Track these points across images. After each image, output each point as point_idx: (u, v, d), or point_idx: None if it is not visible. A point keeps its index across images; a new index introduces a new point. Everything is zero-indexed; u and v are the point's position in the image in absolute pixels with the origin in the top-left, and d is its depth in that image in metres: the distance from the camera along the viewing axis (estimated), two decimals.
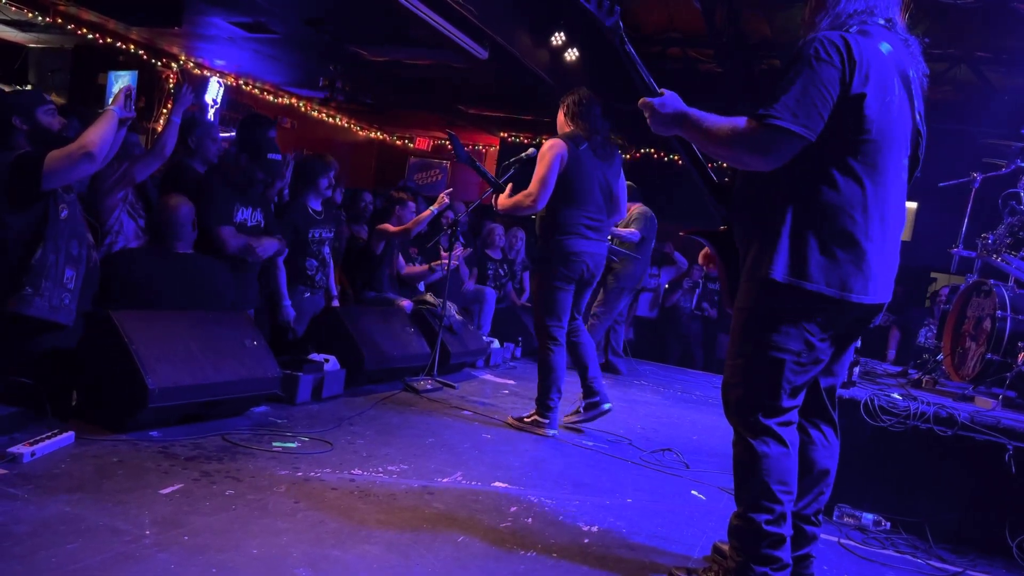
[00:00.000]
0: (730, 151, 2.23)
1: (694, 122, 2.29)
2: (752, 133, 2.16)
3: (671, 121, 2.34)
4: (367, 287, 5.91)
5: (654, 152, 10.48)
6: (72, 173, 3.21)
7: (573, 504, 3.16)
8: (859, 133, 2.20)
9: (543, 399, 4.29)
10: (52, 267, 3.17)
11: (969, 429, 3.33)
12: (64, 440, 2.89)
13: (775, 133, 2.13)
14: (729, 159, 2.28)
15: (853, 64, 2.16)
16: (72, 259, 3.26)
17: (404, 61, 8.77)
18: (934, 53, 7.04)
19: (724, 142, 2.22)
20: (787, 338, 2.25)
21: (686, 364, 8.66)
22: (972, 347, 4.25)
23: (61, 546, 2.12)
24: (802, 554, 2.45)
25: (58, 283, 3.20)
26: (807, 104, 2.13)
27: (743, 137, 2.17)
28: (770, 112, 2.13)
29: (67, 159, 3.14)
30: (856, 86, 2.16)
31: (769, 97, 2.16)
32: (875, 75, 2.19)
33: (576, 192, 4.26)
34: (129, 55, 9.70)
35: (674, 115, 2.33)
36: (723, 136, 2.21)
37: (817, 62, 2.15)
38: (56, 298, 3.20)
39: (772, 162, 2.20)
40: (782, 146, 2.16)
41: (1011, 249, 4.32)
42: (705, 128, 2.26)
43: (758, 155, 2.19)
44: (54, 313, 3.19)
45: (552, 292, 4.30)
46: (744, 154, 2.21)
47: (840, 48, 2.16)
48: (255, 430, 3.52)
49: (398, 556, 2.40)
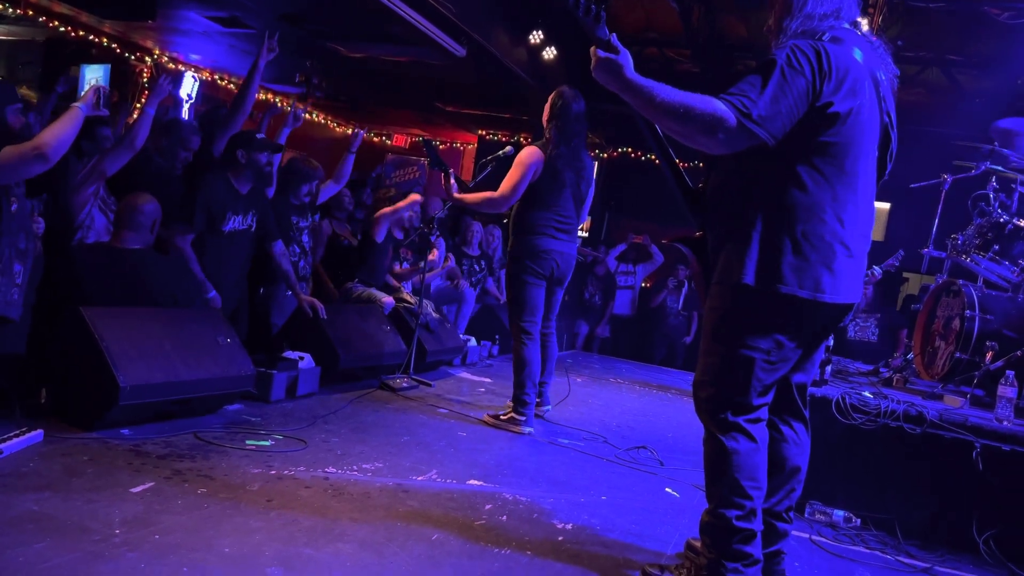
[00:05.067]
0: (681, 127, 2.15)
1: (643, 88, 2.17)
2: (714, 114, 2.10)
3: (609, 72, 2.20)
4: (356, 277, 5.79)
5: (631, 151, 10.53)
6: (23, 172, 3.09)
7: (548, 501, 3.16)
8: (827, 137, 2.22)
9: (519, 394, 4.32)
10: (5, 261, 3.10)
11: (938, 427, 3.38)
12: (33, 438, 2.85)
13: (745, 133, 2.13)
14: (679, 135, 2.20)
15: (824, 74, 2.18)
16: (20, 253, 3.19)
17: (381, 58, 8.73)
18: (906, 56, 7.13)
19: (676, 117, 2.13)
20: (757, 337, 2.27)
21: (670, 364, 8.70)
22: (942, 346, 4.31)
23: (29, 545, 2.09)
24: (773, 550, 2.48)
25: (8, 278, 3.13)
26: (775, 111, 2.14)
27: (701, 117, 2.10)
28: (749, 113, 2.12)
29: (19, 158, 3.02)
30: (826, 95, 2.19)
31: (742, 89, 2.15)
32: (847, 82, 2.21)
33: (547, 196, 4.36)
34: (102, 48, 9.55)
35: (620, 74, 2.19)
36: (676, 111, 2.12)
37: (790, 70, 2.16)
38: (7, 293, 3.13)
39: (723, 150, 2.18)
40: (743, 143, 2.16)
41: (980, 250, 4.39)
42: (659, 100, 2.14)
43: (714, 141, 2.14)
44: (6, 309, 3.13)
45: (524, 287, 4.37)
46: (698, 134, 2.14)
47: (811, 58, 2.18)
48: (228, 428, 3.49)
49: (372, 554, 2.40)
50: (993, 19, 6.10)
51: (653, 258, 9.11)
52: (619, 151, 10.61)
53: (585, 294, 8.97)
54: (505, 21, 7.62)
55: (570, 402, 5.25)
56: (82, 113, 3.18)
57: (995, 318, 4.02)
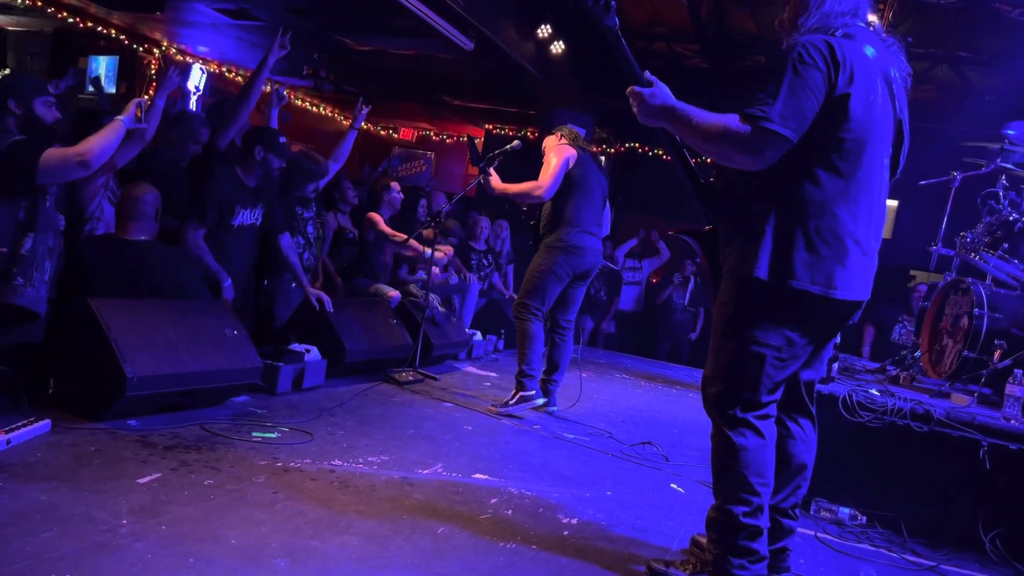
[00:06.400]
0: (718, 148, 2.22)
1: (682, 115, 2.27)
2: (744, 134, 2.15)
3: (659, 112, 2.32)
4: (360, 274, 5.87)
5: (639, 146, 10.50)
6: (65, 175, 3.24)
7: (553, 496, 3.16)
8: (842, 132, 2.22)
9: (524, 369, 4.38)
10: (41, 258, 3.19)
11: (945, 425, 3.37)
12: (40, 428, 2.86)
13: (768, 136, 2.14)
14: (716, 156, 2.27)
15: (837, 66, 2.18)
16: (50, 251, 3.26)
17: (389, 51, 8.73)
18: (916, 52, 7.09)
19: (713, 139, 2.21)
20: (769, 334, 2.26)
21: (675, 359, 8.69)
22: (949, 344, 4.29)
23: (36, 535, 2.10)
24: (779, 547, 2.48)
25: (41, 274, 3.20)
26: (795, 107, 2.14)
27: (735, 137, 2.16)
28: (766, 115, 2.13)
29: (63, 162, 3.16)
30: (841, 87, 2.18)
31: (757, 99, 2.16)
32: (859, 77, 2.21)
33: (584, 190, 4.44)
34: (110, 40, 9.57)
35: (662, 107, 2.31)
36: (713, 133, 2.20)
37: (803, 66, 2.16)
38: (39, 290, 3.21)
39: (761, 163, 2.19)
40: (772, 149, 2.16)
41: (989, 248, 4.37)
42: (695, 123, 2.24)
43: (748, 155, 2.18)
44: (37, 304, 3.19)
45: (547, 277, 4.42)
46: (734, 153, 2.20)
47: (824, 51, 2.18)
48: (235, 420, 3.50)
49: (377, 547, 2.40)
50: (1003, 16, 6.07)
51: (660, 253, 9.10)
52: (626, 146, 10.58)
53: (591, 289, 8.95)
54: (513, 15, 7.60)
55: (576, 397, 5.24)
56: (124, 126, 3.35)
57: (1004, 316, 4.00)
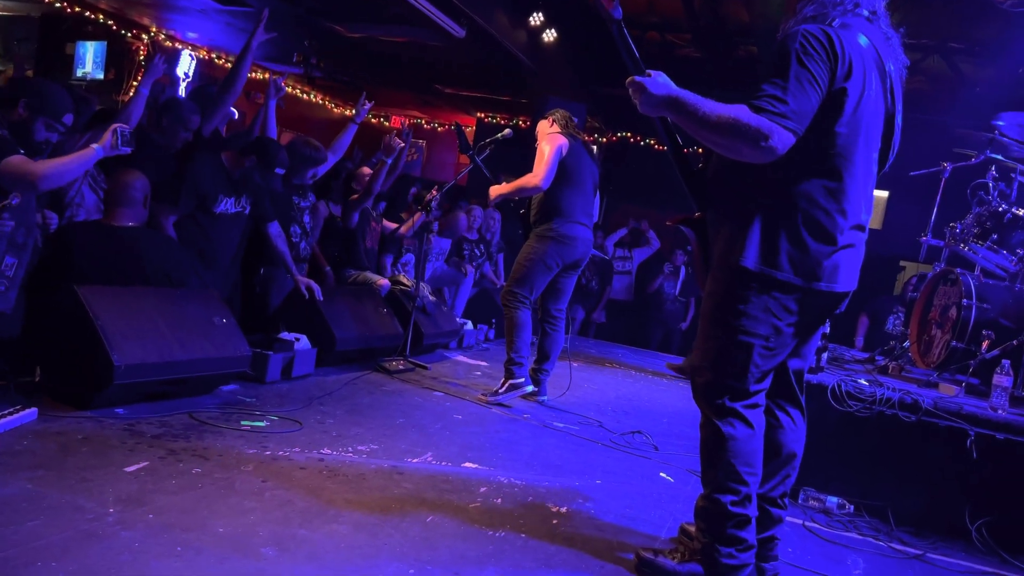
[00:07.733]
0: (727, 140, 2.13)
1: (689, 105, 2.16)
2: (756, 128, 2.07)
3: (663, 102, 2.20)
4: (347, 264, 5.85)
5: (630, 136, 10.48)
6: (14, 186, 3.11)
7: (543, 485, 3.17)
8: (836, 126, 2.20)
9: (513, 357, 4.38)
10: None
11: (933, 415, 3.39)
12: (26, 416, 2.84)
13: (782, 132, 2.09)
14: (724, 148, 2.18)
15: (837, 59, 2.16)
16: (16, 247, 3.20)
17: (380, 38, 8.66)
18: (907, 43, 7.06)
19: (723, 131, 2.11)
20: (756, 323, 2.26)
21: (666, 349, 8.70)
22: (938, 335, 4.31)
23: (22, 523, 2.08)
24: (767, 536, 2.48)
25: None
26: (803, 102, 2.12)
27: (747, 131, 2.08)
28: (779, 111, 2.08)
29: (19, 174, 3.06)
30: (838, 81, 2.17)
31: (765, 91, 2.11)
32: (856, 71, 2.20)
33: (575, 179, 4.41)
34: (98, 25, 9.47)
35: (666, 97, 2.19)
36: (724, 126, 2.10)
37: (807, 58, 2.13)
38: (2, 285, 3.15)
39: (769, 157, 2.12)
40: (783, 144, 2.11)
41: (978, 239, 4.38)
42: (701, 114, 2.13)
43: (759, 150, 2.10)
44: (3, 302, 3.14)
45: (537, 267, 4.41)
46: (744, 147, 2.11)
47: (824, 43, 2.16)
48: (223, 408, 3.49)
49: (367, 536, 2.40)
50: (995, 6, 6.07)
51: (650, 243, 9.10)
52: (618, 135, 10.57)
53: (582, 279, 8.95)
54: (505, 2, 7.56)
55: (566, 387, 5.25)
56: (97, 155, 3.24)
57: (992, 307, 4.02)
